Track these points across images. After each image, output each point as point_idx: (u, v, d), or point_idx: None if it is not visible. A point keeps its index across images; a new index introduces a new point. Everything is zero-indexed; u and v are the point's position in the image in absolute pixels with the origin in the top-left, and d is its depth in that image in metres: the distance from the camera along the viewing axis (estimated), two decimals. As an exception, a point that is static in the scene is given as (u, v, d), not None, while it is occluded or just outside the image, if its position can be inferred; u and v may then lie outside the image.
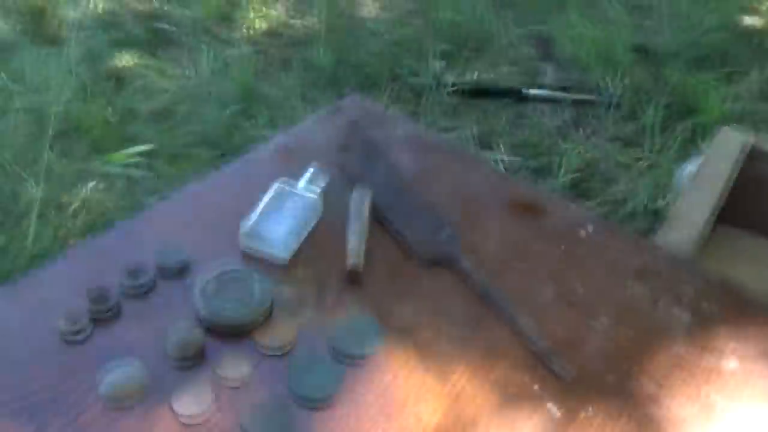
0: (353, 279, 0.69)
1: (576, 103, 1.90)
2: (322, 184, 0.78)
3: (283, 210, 0.72)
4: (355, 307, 0.66)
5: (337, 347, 0.62)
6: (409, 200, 0.79)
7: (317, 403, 0.58)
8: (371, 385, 0.60)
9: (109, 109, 1.73)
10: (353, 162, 0.83)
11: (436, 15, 2.18)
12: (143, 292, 0.65)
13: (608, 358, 0.64)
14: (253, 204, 0.71)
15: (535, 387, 0.61)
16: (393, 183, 0.81)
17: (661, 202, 1.59)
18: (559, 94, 1.91)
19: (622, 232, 0.80)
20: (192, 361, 0.59)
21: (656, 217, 1.54)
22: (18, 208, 1.47)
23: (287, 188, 0.74)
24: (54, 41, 1.92)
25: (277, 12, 2.22)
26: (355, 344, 0.62)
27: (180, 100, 1.80)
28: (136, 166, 1.57)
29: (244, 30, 2.10)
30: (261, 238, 0.70)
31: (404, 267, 0.71)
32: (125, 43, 1.98)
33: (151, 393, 0.57)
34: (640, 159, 1.74)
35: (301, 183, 0.76)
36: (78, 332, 0.60)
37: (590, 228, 0.78)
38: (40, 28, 1.98)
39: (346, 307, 0.66)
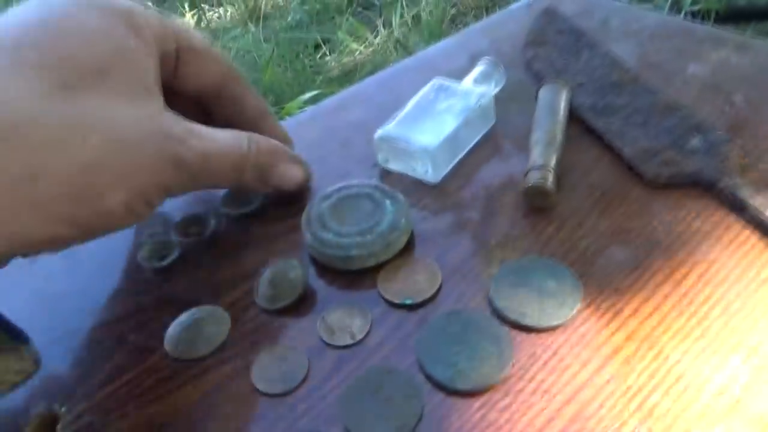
0: (535, 204, 0.45)
1: None
2: (498, 84, 0.55)
3: (436, 114, 0.51)
4: (537, 249, 0.42)
5: (505, 308, 0.38)
6: (635, 99, 0.52)
7: (464, 388, 0.35)
8: (555, 371, 0.36)
9: (300, 71, 1.69)
10: (547, 56, 0.58)
11: None
12: (244, 220, 0.48)
13: None
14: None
15: None
16: (608, 77, 0.54)
17: None
18: None
19: None
20: (287, 308, 0.41)
21: None
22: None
23: (446, 88, 0.53)
24: (262, 19, 1.97)
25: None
26: (534, 305, 0.38)
27: (367, 59, 1.69)
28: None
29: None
30: (401, 149, 0.49)
31: (624, 190, 0.45)
32: (322, 13, 1.95)
33: (230, 349, 0.40)
34: None
35: (467, 81, 0.54)
36: (161, 261, 0.45)
37: None
38: (251, 11, 2.04)
39: (524, 248, 0.42)
